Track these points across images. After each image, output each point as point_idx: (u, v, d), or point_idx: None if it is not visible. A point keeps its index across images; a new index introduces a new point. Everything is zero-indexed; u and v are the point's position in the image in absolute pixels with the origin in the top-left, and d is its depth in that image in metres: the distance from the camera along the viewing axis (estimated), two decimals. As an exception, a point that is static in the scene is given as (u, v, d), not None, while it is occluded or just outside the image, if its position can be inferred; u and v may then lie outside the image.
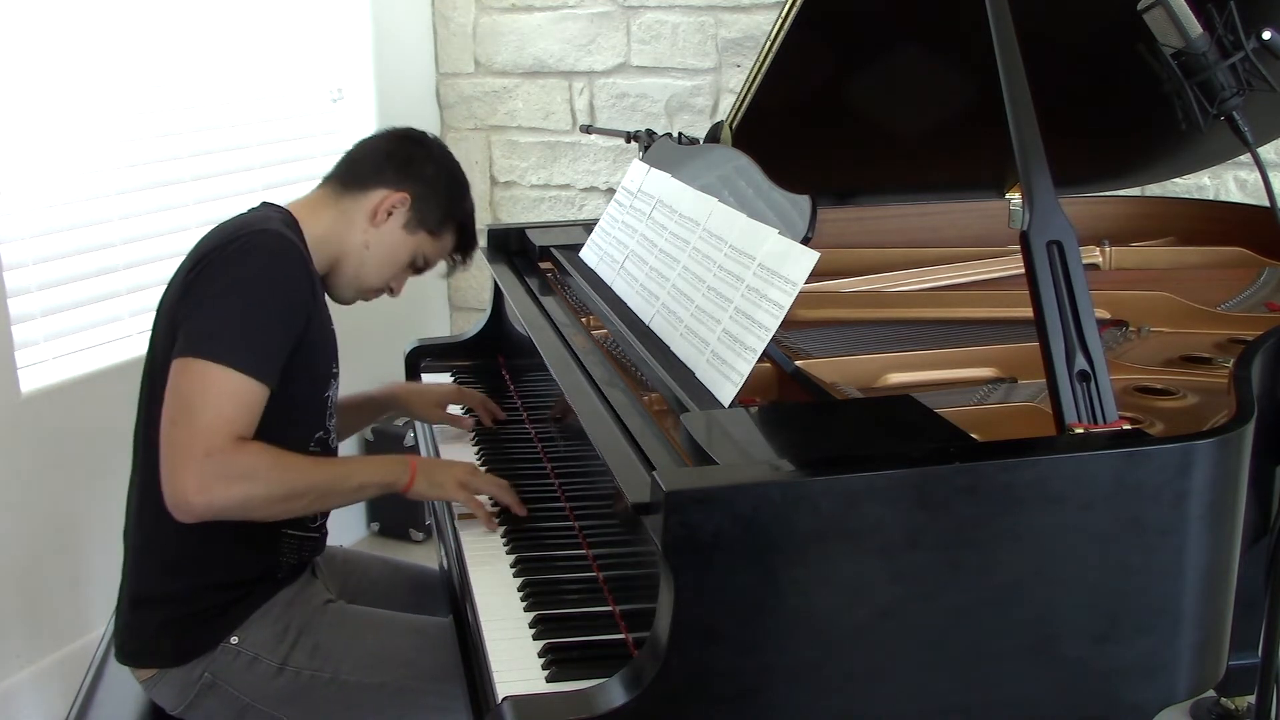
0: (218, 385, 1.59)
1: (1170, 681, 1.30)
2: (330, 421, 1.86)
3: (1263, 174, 1.45)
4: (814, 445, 1.35)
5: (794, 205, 1.73)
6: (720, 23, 3.48)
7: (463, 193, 1.99)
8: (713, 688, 1.20)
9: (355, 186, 1.89)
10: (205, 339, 1.62)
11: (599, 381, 1.68)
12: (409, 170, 1.91)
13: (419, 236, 1.92)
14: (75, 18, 2.74)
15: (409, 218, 1.90)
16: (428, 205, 1.91)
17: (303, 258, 1.74)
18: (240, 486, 1.58)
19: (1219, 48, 1.40)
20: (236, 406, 1.60)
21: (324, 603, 1.84)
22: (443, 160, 1.97)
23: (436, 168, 1.94)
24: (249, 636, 1.75)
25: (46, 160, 2.72)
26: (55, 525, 2.65)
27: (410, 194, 1.89)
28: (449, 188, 1.96)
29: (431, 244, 1.94)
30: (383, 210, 1.88)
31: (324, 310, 1.82)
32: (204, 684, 1.73)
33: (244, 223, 1.77)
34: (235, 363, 1.60)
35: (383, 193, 1.88)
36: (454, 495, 1.78)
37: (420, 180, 1.91)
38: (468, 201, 2.00)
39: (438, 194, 1.92)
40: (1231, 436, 1.29)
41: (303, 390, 1.76)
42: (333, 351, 1.85)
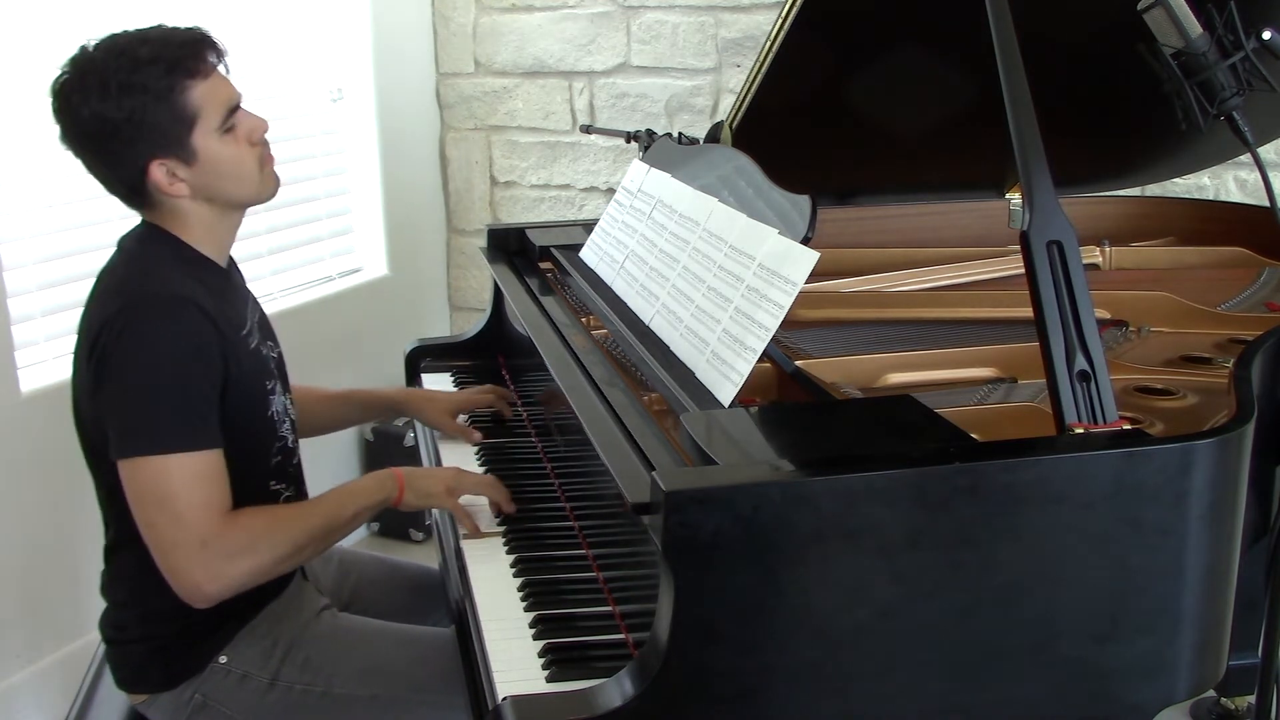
0: (178, 474, 1.55)
1: (1170, 681, 1.30)
2: (283, 428, 1.80)
3: (1263, 174, 1.45)
4: (814, 445, 1.35)
5: (794, 205, 1.73)
6: (720, 23, 3.48)
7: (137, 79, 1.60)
8: (713, 688, 1.20)
9: (140, 198, 1.68)
10: (141, 436, 1.56)
11: (599, 381, 1.68)
12: (114, 153, 1.63)
13: (198, 138, 1.64)
14: (75, 18, 2.74)
15: (176, 156, 1.64)
16: (158, 133, 1.62)
17: (195, 307, 1.60)
18: (246, 561, 1.57)
19: (1219, 48, 1.40)
20: (206, 485, 1.57)
21: (316, 613, 1.82)
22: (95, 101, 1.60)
23: (108, 121, 1.60)
24: (237, 654, 1.73)
25: (46, 161, 2.71)
26: (55, 525, 2.65)
27: (147, 159, 1.62)
28: (133, 103, 1.59)
29: (207, 115, 1.64)
30: (168, 186, 1.65)
31: (238, 339, 1.70)
32: (195, 705, 1.71)
33: (126, 280, 1.65)
34: (181, 446, 1.55)
35: (146, 183, 1.64)
36: (443, 503, 1.77)
37: (127, 143, 1.61)
38: (145, 69, 1.60)
39: (144, 120, 1.60)
40: (1231, 436, 1.29)
41: (245, 420, 1.70)
42: (262, 369, 1.76)
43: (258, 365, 1.75)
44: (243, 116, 1.71)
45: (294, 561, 1.66)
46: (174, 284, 1.63)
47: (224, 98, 1.68)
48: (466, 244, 4.04)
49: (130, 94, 1.60)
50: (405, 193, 3.83)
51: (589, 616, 1.52)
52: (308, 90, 3.53)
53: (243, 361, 1.69)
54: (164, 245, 1.71)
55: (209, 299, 1.66)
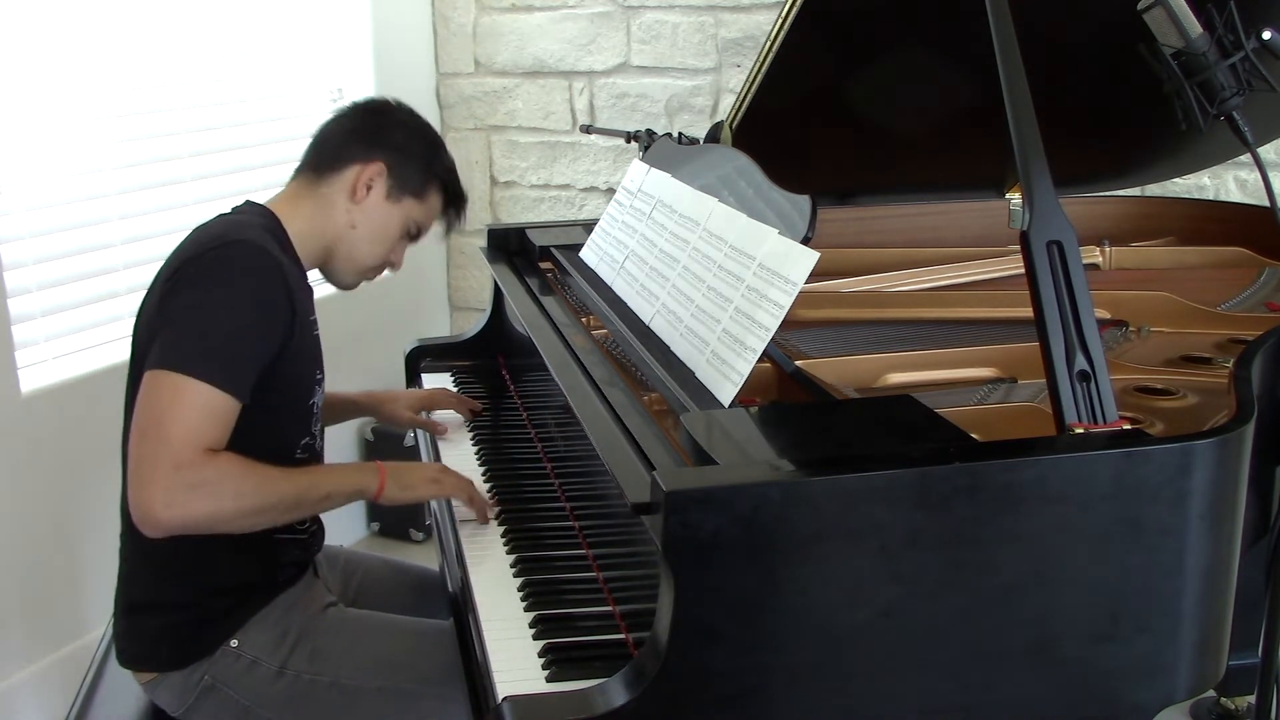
0: (187, 398, 1.56)
1: (1170, 681, 1.30)
2: (316, 427, 1.84)
3: (1263, 174, 1.45)
4: (814, 445, 1.35)
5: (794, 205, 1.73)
6: (720, 23, 3.48)
7: (438, 149, 1.93)
8: (713, 688, 1.20)
9: (328, 169, 1.85)
10: (176, 352, 1.59)
11: (599, 381, 1.68)
12: (378, 139, 1.85)
13: (405, 203, 1.87)
14: (75, 17, 2.74)
15: (389, 186, 1.85)
16: (405, 169, 1.86)
17: (279, 268, 1.69)
18: (207, 500, 1.56)
19: (1219, 48, 1.40)
20: (205, 419, 1.57)
21: (324, 606, 1.83)
22: (411, 122, 1.91)
23: (406, 131, 1.89)
24: (249, 640, 1.74)
25: (46, 160, 2.72)
26: (55, 525, 2.65)
27: (385, 162, 1.84)
28: (424, 147, 1.90)
29: (419, 208, 1.89)
30: (361, 185, 1.83)
31: (306, 319, 1.77)
32: (204, 687, 1.73)
33: (221, 230, 1.73)
34: (205, 375, 1.57)
35: (356, 168, 1.83)
36: (428, 492, 1.78)
37: (392, 146, 1.85)
38: (446, 157, 1.94)
39: (413, 156, 1.87)
40: (1231, 436, 1.30)
41: (287, 400, 1.74)
42: (317, 359, 1.82)
43: (315, 352, 1.81)
44: (406, 246, 1.94)
45: (254, 520, 1.62)
46: (269, 246, 1.71)
47: (430, 223, 1.95)
48: (466, 244, 4.04)
49: (429, 142, 1.92)
50: (405, 193, 3.83)
51: (589, 616, 1.52)
52: (308, 90, 3.53)
53: (305, 340, 1.75)
54: (268, 222, 1.80)
55: (292, 274, 1.73)
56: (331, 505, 1.73)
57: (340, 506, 1.75)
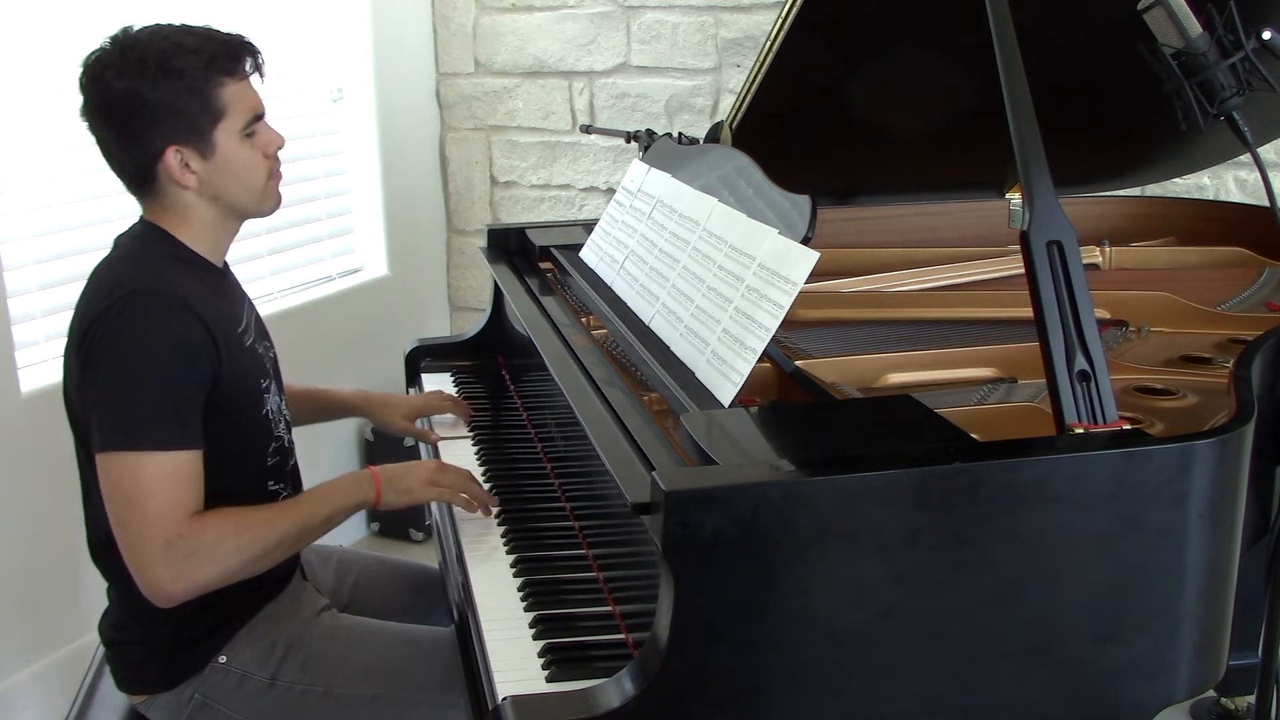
0: (151, 472, 1.54)
1: (1170, 681, 1.30)
2: (279, 429, 1.80)
3: (1263, 174, 1.45)
4: (814, 445, 1.35)
5: (794, 205, 1.73)
6: (720, 23, 3.48)
7: (176, 65, 1.62)
8: (713, 688, 1.20)
9: (146, 184, 1.69)
10: (119, 430, 1.55)
11: (599, 381, 1.68)
12: (135, 131, 1.64)
13: (218, 135, 1.66)
14: (75, 17, 2.74)
15: (194, 147, 1.65)
16: (181, 120, 1.63)
17: (187, 305, 1.60)
18: (211, 563, 1.56)
19: (1219, 48, 1.40)
20: (178, 486, 1.55)
21: (315, 613, 1.82)
22: (129, 78, 1.62)
23: (138, 97, 1.62)
24: (237, 654, 1.72)
25: (46, 160, 2.72)
26: (55, 525, 2.65)
27: (167, 143, 1.64)
28: (167, 85, 1.62)
29: (234, 115, 1.67)
30: (181, 175, 1.66)
31: (234, 336, 1.70)
32: (195, 705, 1.71)
33: (118, 275, 1.64)
34: (157, 444, 1.54)
35: (160, 169, 1.65)
36: (426, 496, 1.77)
37: (150, 123, 1.63)
38: (186, 56, 1.63)
39: (173, 105, 1.62)
40: (1231, 436, 1.30)
41: (239, 419, 1.70)
42: (257, 368, 1.75)
43: (253, 364, 1.74)
44: (263, 127, 1.74)
45: (264, 563, 1.63)
46: (168, 282, 1.63)
47: (251, 104, 1.71)
48: (466, 244, 4.04)
49: (167, 77, 1.62)
50: (405, 193, 3.84)
51: (589, 616, 1.52)
52: (308, 90, 3.53)
53: (238, 359, 1.69)
54: (161, 244, 1.70)
55: (205, 297, 1.66)
56: (336, 524, 1.73)
57: (345, 521, 1.75)
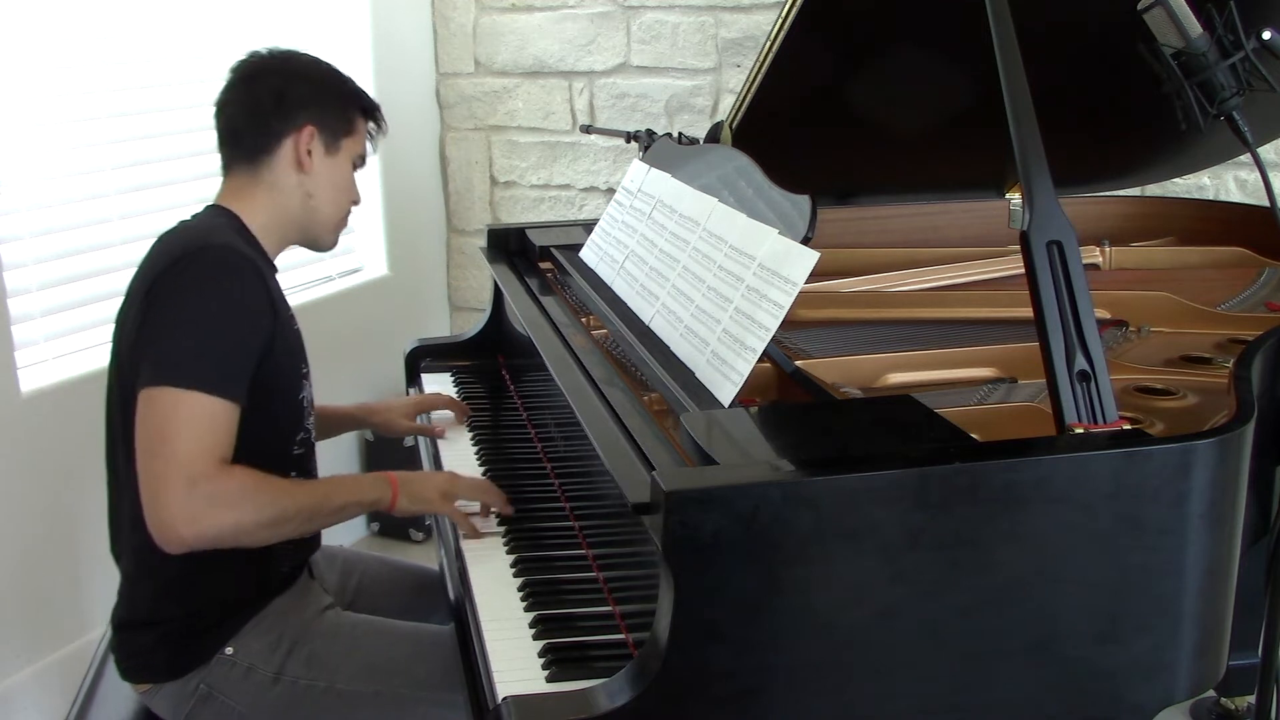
0: (189, 411, 1.56)
1: (1170, 681, 1.30)
2: (309, 421, 1.84)
3: (1263, 174, 1.45)
4: (814, 445, 1.35)
5: (794, 205, 1.73)
6: (720, 23, 3.48)
7: (338, 78, 1.89)
8: (713, 688, 1.20)
9: (261, 154, 1.81)
10: (168, 367, 1.58)
11: (599, 381, 1.68)
12: (291, 103, 1.81)
13: (343, 146, 1.85)
14: (75, 17, 2.74)
15: (325, 142, 1.83)
16: (328, 117, 1.83)
17: (254, 267, 1.70)
18: (229, 513, 1.56)
19: (1219, 48, 1.40)
20: (213, 430, 1.57)
21: (320, 610, 1.83)
22: (305, 69, 1.87)
23: (305, 81, 1.84)
24: (243, 647, 1.73)
25: (46, 160, 2.72)
26: (55, 525, 2.65)
27: (310, 122, 1.81)
28: (330, 87, 1.86)
29: (354, 143, 1.88)
30: (303, 154, 1.80)
31: (285, 314, 1.77)
32: (200, 695, 1.72)
33: (190, 237, 1.73)
34: (202, 386, 1.57)
35: (289, 140, 1.80)
36: (439, 508, 1.77)
37: (307, 103, 1.81)
38: (347, 81, 1.90)
39: (327, 100, 1.84)
40: (1231, 436, 1.29)
41: (277, 397, 1.74)
42: (301, 353, 1.82)
43: (298, 345, 1.81)
44: (356, 176, 1.91)
45: (273, 531, 1.63)
46: (241, 248, 1.71)
47: (364, 149, 1.92)
48: (466, 244, 4.04)
49: (329, 78, 1.87)
50: (405, 193, 3.84)
51: (589, 616, 1.52)
52: (308, 90, 3.53)
53: (288, 336, 1.76)
54: (231, 221, 1.79)
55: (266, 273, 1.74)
56: (347, 516, 1.73)
57: (355, 517, 1.75)
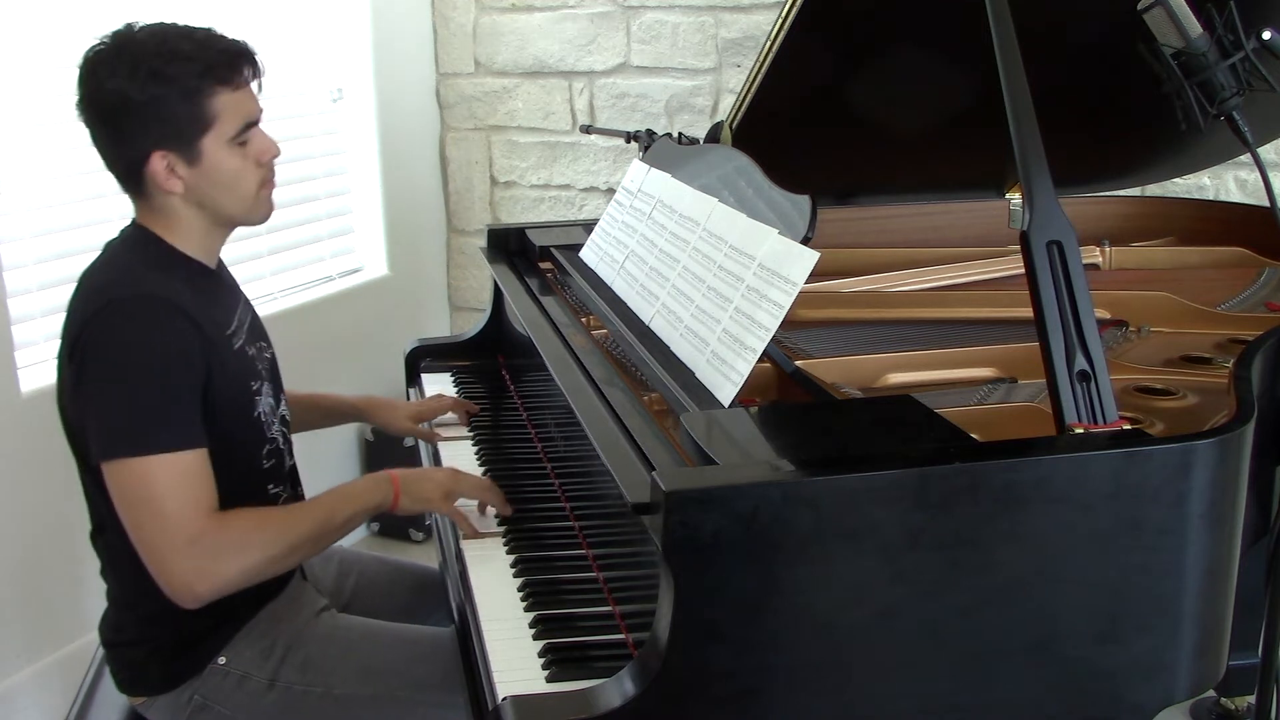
0: (162, 475, 1.54)
1: (1170, 681, 1.30)
2: (272, 431, 1.79)
3: (1263, 174, 1.45)
4: (814, 445, 1.35)
5: (794, 205, 1.73)
6: (720, 23, 3.48)
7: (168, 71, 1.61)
8: (713, 688, 1.20)
9: (134, 185, 1.69)
10: (123, 438, 1.55)
11: (599, 381, 1.68)
12: (124, 133, 1.63)
13: (206, 143, 1.65)
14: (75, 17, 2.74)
15: (181, 153, 1.64)
16: (170, 130, 1.63)
17: (177, 309, 1.60)
18: (236, 560, 1.56)
19: (1219, 48, 1.40)
20: (192, 484, 1.56)
21: (314, 614, 1.82)
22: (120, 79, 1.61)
23: (127, 100, 1.60)
24: (236, 655, 1.72)
25: (46, 160, 2.72)
26: (55, 525, 2.65)
27: (152, 148, 1.63)
28: (158, 91, 1.61)
29: (224, 124, 1.66)
30: (166, 180, 1.65)
31: (223, 339, 1.69)
32: (195, 706, 1.71)
33: (109, 281, 1.65)
34: (161, 445, 1.54)
35: (147, 174, 1.65)
36: (440, 507, 1.76)
37: (139, 128, 1.62)
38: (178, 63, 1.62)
39: (162, 111, 1.61)
40: (1231, 436, 1.29)
41: (230, 422, 1.69)
42: (247, 370, 1.75)
43: (242, 366, 1.74)
44: (256, 134, 1.73)
45: (286, 563, 1.64)
46: (156, 285, 1.62)
47: (245, 111, 1.70)
48: (466, 244, 4.04)
49: (157, 82, 1.61)
50: (405, 193, 3.84)
51: (589, 616, 1.52)
52: (308, 90, 3.53)
53: (226, 363, 1.68)
54: (150, 247, 1.70)
55: (194, 300, 1.66)
56: (355, 525, 1.73)
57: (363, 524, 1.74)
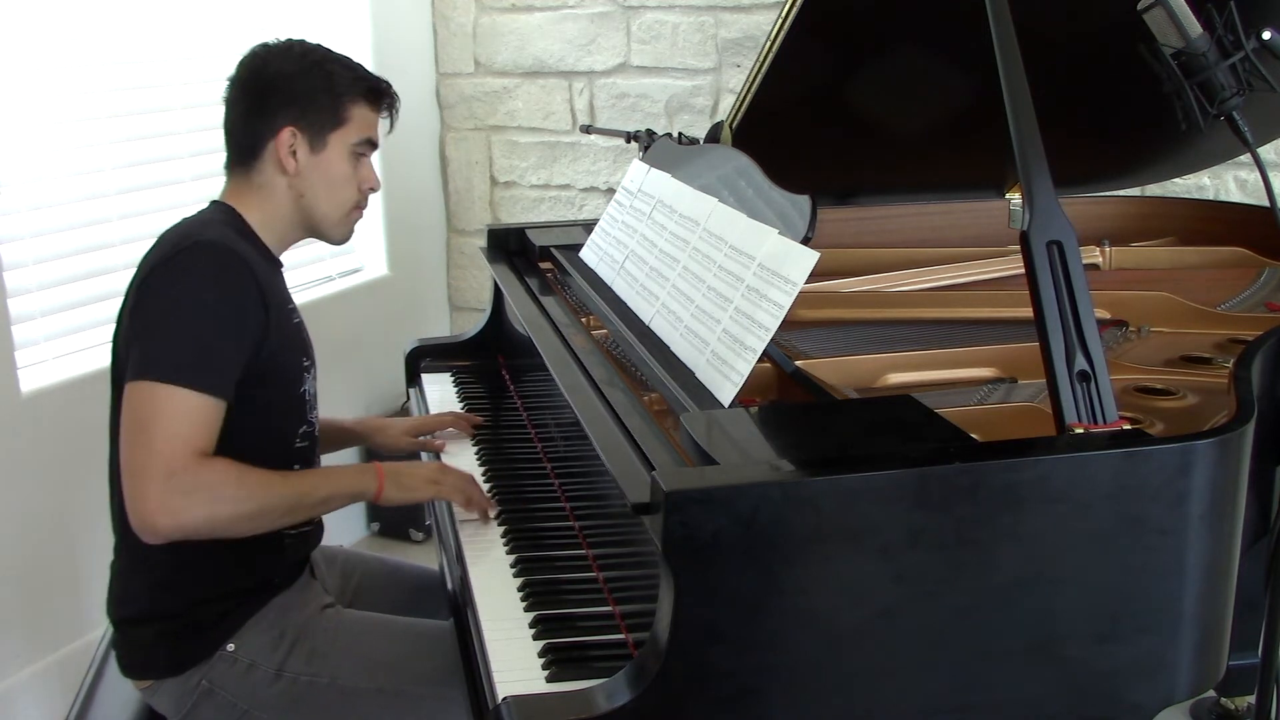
0: (170, 405, 1.57)
1: (1170, 681, 1.30)
2: (312, 414, 1.84)
3: (1263, 174, 1.45)
4: (814, 445, 1.35)
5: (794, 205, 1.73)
6: (720, 23, 3.48)
7: (329, 71, 1.79)
8: (713, 688, 1.20)
9: (250, 158, 1.80)
10: (154, 360, 1.59)
11: (599, 381, 1.68)
12: (271, 104, 1.77)
13: (333, 140, 1.79)
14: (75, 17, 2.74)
15: (309, 139, 1.78)
16: (311, 113, 1.77)
17: (245, 264, 1.68)
18: (204, 505, 1.57)
19: (1219, 48, 1.40)
20: (192, 424, 1.58)
21: (321, 608, 1.83)
22: (287, 64, 1.79)
23: (288, 77, 1.77)
24: (245, 643, 1.74)
25: (46, 160, 2.72)
26: (55, 525, 2.65)
27: (289, 124, 1.76)
28: (313, 79, 1.78)
29: (350, 131, 1.80)
30: (286, 157, 1.77)
31: (283, 308, 1.76)
32: (201, 692, 1.72)
33: (186, 231, 1.73)
34: (185, 381, 1.58)
35: (270, 144, 1.77)
36: (427, 494, 1.78)
37: (286, 102, 1.76)
38: (339, 68, 1.80)
39: (310, 95, 1.77)
40: (1231, 436, 1.30)
41: (277, 391, 1.75)
42: (302, 346, 1.82)
43: (298, 339, 1.81)
44: (368, 160, 1.86)
45: (252, 524, 1.63)
46: (231, 241, 1.71)
47: (371, 131, 1.84)
48: (466, 244, 4.04)
49: (315, 71, 1.78)
50: (405, 193, 3.84)
51: (589, 616, 1.52)
52: (308, 90, 3.52)
53: (285, 330, 1.75)
54: (231, 218, 1.79)
55: (262, 268, 1.73)
56: (331, 508, 1.74)
57: (339, 509, 1.75)
